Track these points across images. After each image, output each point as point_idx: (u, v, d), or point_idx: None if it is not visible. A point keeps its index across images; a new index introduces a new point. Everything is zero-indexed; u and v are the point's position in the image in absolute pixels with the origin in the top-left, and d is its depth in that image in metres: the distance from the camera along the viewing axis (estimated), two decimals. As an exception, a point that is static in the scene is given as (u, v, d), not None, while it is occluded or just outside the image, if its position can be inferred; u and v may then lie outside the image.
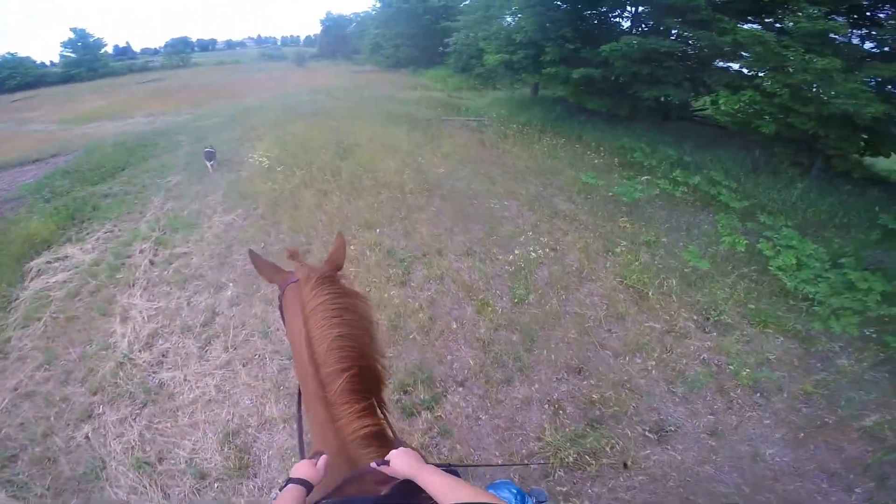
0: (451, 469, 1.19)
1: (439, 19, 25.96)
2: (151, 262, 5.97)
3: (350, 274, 5.28)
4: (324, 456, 1.18)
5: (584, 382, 3.81)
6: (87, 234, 6.99)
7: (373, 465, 1.13)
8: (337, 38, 51.86)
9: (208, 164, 9.22)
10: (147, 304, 5.12)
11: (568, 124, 11.69)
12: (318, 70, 35.99)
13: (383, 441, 1.27)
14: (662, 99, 10.59)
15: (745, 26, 8.55)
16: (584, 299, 4.95)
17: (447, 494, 0.94)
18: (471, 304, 4.83)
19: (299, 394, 1.46)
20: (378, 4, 31.46)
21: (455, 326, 4.51)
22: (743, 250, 5.83)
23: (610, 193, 7.39)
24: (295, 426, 1.81)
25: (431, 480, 1.01)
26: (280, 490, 1.10)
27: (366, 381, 1.32)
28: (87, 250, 6.49)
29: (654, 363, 3.98)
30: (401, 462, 1.10)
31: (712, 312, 4.64)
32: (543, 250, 5.80)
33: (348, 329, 1.31)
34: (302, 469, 1.14)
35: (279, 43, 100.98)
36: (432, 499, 0.98)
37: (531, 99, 15.96)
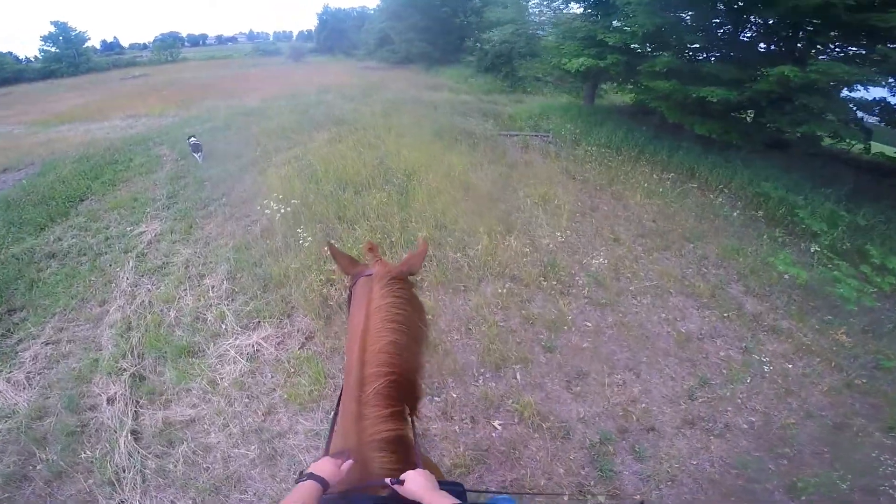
0: (459, 490, 1.19)
1: (457, 12, 22.91)
2: (135, 435, 3.12)
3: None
4: (350, 460, 1.14)
5: None
6: (20, 345, 4.09)
7: (387, 481, 1.10)
8: (335, 33, 48.46)
9: (195, 155, 8.58)
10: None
11: (663, 150, 8.92)
12: (318, 66, 32.51)
13: (400, 448, 1.22)
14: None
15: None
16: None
17: None
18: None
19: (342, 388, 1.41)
20: (387, -7, 28.08)
21: None
22: None
23: (821, 291, 4.69)
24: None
25: None
26: (296, 483, 1.05)
27: (403, 389, 1.28)
28: (19, 384, 3.66)
29: None
30: (414, 484, 1.06)
31: None
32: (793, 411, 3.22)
33: (403, 337, 1.30)
34: (323, 466, 1.09)
35: (272, 38, 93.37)
36: None
37: (587, 109, 13.20)
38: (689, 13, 8.24)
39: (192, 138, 8.93)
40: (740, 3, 7.20)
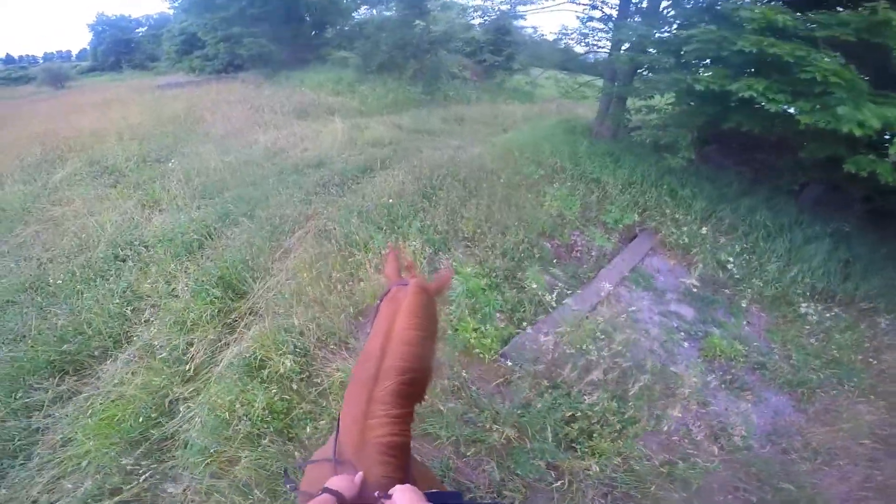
0: (458, 501, 1.15)
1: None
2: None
3: None
4: (360, 473, 1.05)
5: None
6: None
7: (376, 494, 1.02)
8: (119, 45, 33.99)
9: None
10: None
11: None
12: (96, 90, 19.75)
13: (400, 454, 1.11)
14: None
15: None
16: None
17: None
18: None
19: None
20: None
21: None
22: None
23: None
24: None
25: None
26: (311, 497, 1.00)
27: (414, 390, 1.19)
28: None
29: None
30: (402, 499, 0.98)
31: None
32: None
33: (425, 344, 1.23)
34: (338, 482, 1.03)
35: (41, 60, 60.43)
36: None
37: (612, 146, 6.25)
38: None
39: None
40: None
